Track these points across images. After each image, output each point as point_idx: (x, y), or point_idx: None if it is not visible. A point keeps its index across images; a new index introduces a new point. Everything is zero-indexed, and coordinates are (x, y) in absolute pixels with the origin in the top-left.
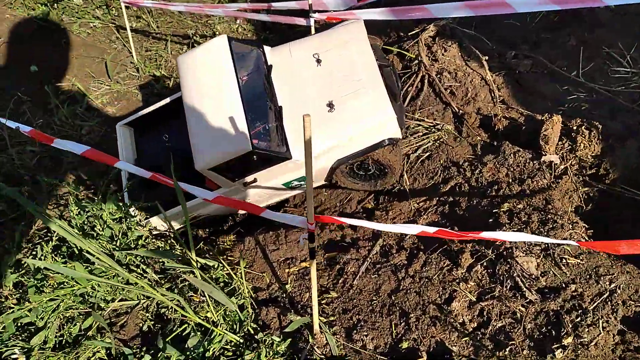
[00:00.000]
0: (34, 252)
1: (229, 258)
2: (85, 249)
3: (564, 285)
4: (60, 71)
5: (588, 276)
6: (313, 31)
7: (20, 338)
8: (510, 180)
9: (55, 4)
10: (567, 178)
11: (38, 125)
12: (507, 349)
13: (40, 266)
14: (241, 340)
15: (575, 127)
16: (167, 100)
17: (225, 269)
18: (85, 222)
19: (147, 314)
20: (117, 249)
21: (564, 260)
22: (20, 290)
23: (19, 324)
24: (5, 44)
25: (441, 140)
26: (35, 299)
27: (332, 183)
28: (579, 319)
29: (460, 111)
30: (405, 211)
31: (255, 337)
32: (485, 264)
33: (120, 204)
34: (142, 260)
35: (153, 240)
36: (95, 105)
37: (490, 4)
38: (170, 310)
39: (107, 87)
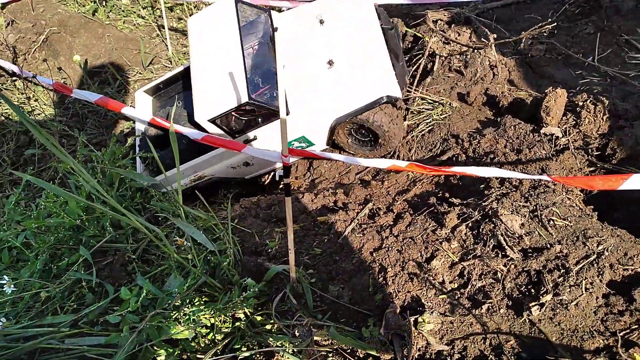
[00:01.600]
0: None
1: (221, 214)
2: (81, 175)
3: (548, 246)
4: (100, 59)
5: (575, 238)
6: None
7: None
8: (508, 151)
9: (105, 2)
10: (568, 153)
11: (70, 101)
12: (485, 307)
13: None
14: (219, 285)
15: (580, 103)
16: (181, 67)
17: (215, 220)
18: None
19: (134, 256)
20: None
21: (552, 222)
22: None
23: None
24: (55, 34)
25: (444, 115)
26: (27, 224)
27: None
28: (561, 278)
29: (467, 90)
30: (400, 182)
31: (232, 280)
32: (470, 225)
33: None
34: (137, 208)
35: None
36: (127, 89)
37: None
38: (157, 256)
39: (140, 74)
